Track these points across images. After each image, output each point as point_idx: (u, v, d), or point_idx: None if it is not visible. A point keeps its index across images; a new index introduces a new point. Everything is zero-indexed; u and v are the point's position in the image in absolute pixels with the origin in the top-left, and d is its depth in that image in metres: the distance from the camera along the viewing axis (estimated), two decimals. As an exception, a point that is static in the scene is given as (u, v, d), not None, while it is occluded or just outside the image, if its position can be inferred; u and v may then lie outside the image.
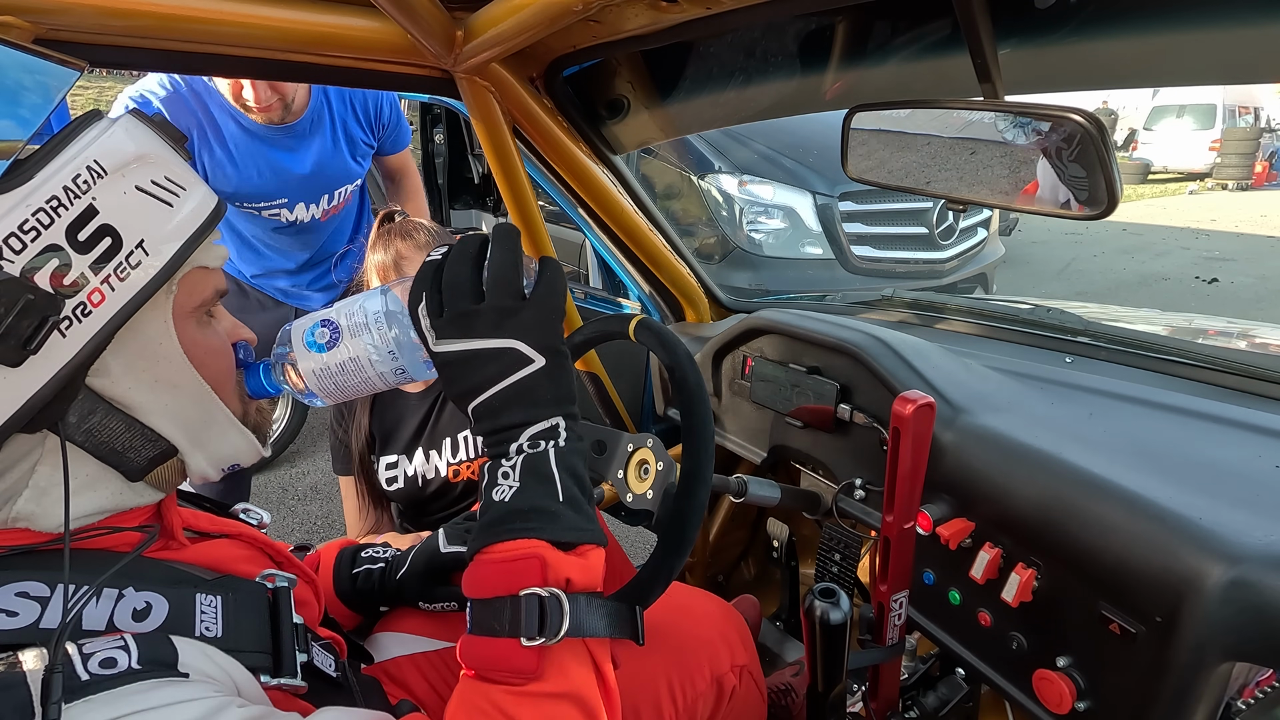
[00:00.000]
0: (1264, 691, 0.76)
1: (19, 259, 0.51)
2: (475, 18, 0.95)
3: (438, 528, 1.00)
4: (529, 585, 0.57)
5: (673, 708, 0.90)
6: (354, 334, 0.70)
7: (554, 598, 0.57)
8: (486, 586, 0.59)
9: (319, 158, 1.79)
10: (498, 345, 0.63)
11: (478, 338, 0.63)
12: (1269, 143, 14.62)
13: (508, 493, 0.61)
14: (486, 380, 0.63)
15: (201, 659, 0.54)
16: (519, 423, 0.63)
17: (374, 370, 0.70)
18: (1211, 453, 0.87)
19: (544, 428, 0.63)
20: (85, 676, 0.47)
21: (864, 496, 1.11)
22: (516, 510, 0.60)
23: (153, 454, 0.60)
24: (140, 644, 0.51)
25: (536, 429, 0.63)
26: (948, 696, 1.01)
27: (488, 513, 0.61)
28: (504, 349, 0.63)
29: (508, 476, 0.61)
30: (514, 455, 0.62)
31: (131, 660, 0.49)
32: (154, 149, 0.59)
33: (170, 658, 0.52)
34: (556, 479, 0.61)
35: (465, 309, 0.63)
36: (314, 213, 1.88)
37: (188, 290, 0.62)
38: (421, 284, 0.65)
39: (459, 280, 0.64)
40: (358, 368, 0.69)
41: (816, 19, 1.00)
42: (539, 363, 0.63)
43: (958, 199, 0.90)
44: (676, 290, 1.60)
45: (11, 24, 0.76)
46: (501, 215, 3.97)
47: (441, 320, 0.64)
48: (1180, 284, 6.90)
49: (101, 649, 0.49)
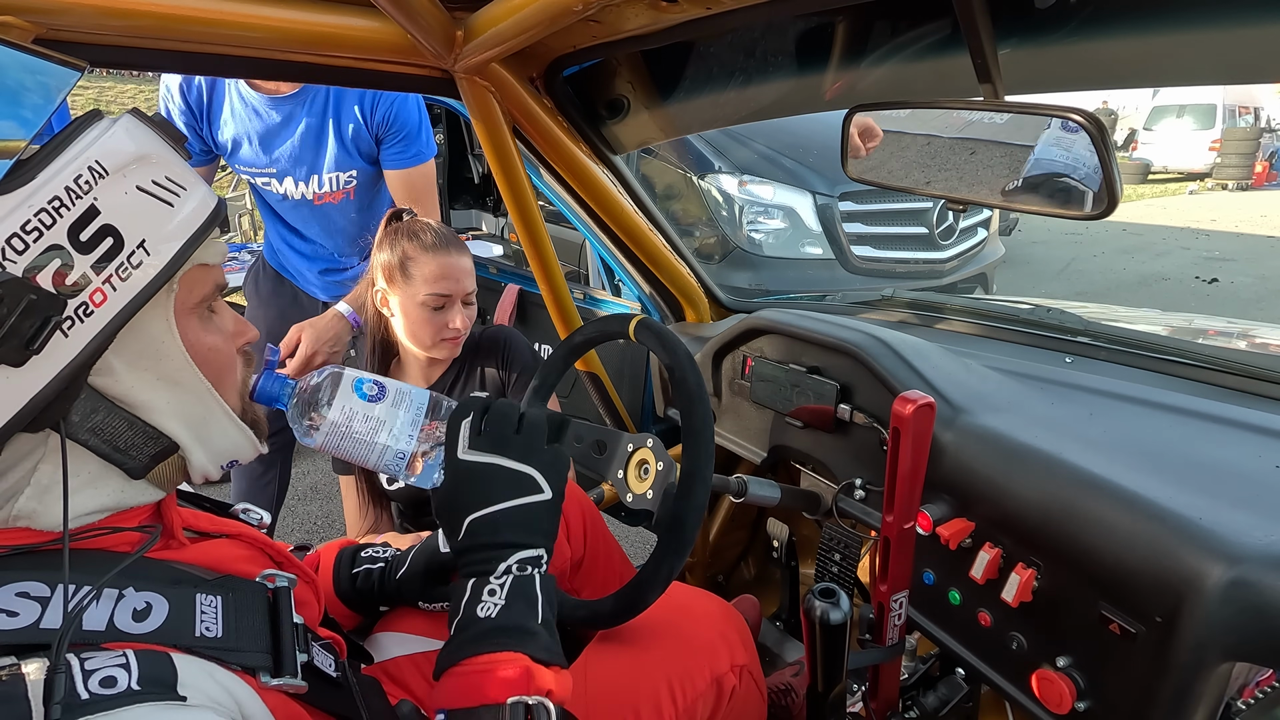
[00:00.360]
0: (1264, 691, 0.76)
1: (21, 259, 0.51)
2: (475, 18, 0.95)
3: (437, 528, 1.00)
4: (515, 693, 0.61)
5: (673, 708, 0.90)
6: (395, 404, 0.76)
7: (541, 705, 0.62)
8: (470, 696, 0.62)
9: (304, 133, 1.76)
10: (521, 469, 0.72)
11: (506, 458, 0.72)
12: (1269, 143, 14.62)
13: (493, 609, 0.66)
14: (498, 496, 0.70)
15: (203, 678, 0.54)
16: (513, 544, 0.69)
17: (384, 443, 0.75)
18: (1211, 453, 0.87)
19: (532, 555, 0.70)
20: (85, 695, 0.47)
21: (864, 496, 1.11)
22: (501, 627, 0.65)
23: (154, 451, 0.60)
24: (141, 662, 0.51)
25: (525, 555, 0.69)
26: (948, 696, 1.01)
27: (469, 628, 0.66)
28: (525, 474, 0.72)
29: (494, 594, 0.67)
30: (502, 575, 0.68)
31: (131, 680, 0.49)
32: (154, 149, 0.59)
33: (170, 678, 0.51)
34: (539, 602, 0.68)
35: (503, 433, 0.73)
36: (305, 192, 1.84)
37: (188, 287, 0.62)
38: (471, 403, 0.75)
39: (505, 412, 0.74)
40: (374, 434, 0.75)
41: (816, 19, 1.00)
42: (547, 495, 0.72)
43: (958, 199, 0.90)
44: (676, 290, 1.60)
45: (12, 24, 0.77)
46: (501, 215, 3.97)
47: (479, 436, 0.73)
48: (1180, 284, 6.90)
49: (102, 666, 0.49)
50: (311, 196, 1.85)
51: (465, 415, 0.74)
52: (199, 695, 0.52)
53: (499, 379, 1.49)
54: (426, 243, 1.36)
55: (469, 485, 0.71)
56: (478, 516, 0.70)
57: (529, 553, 0.70)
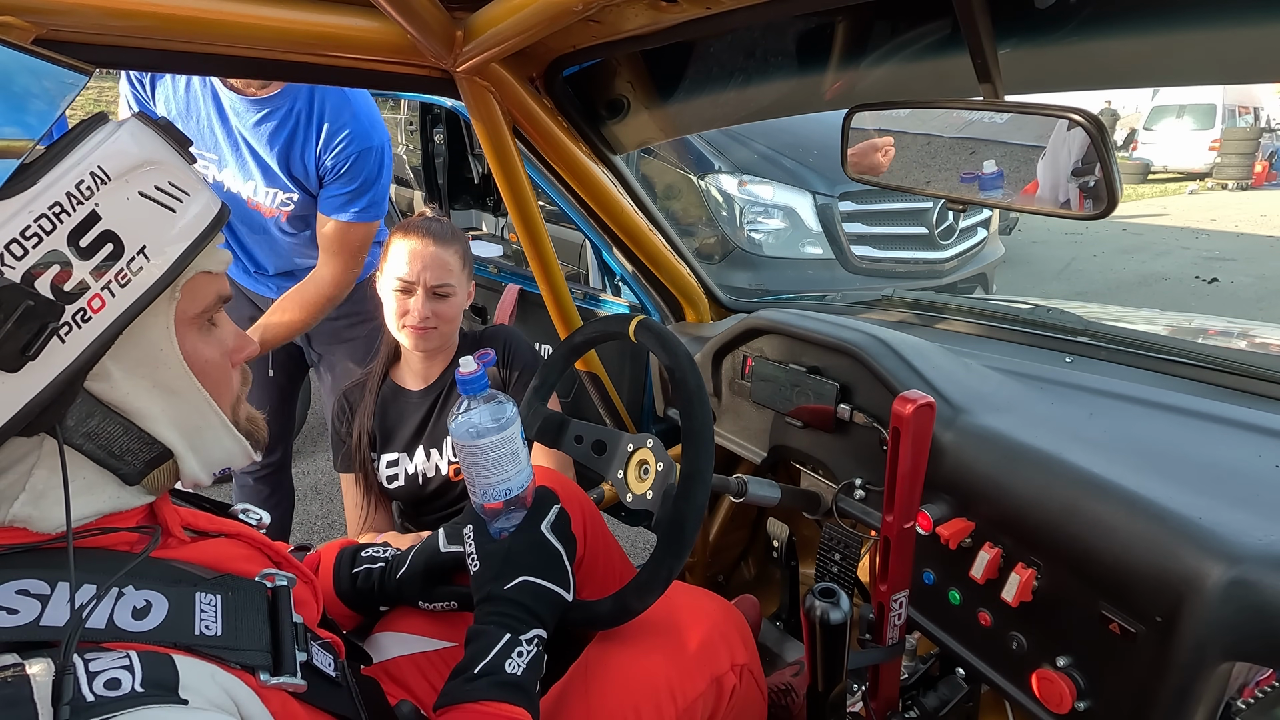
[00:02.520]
0: (1264, 691, 0.76)
1: (20, 264, 0.51)
2: (475, 18, 0.95)
3: (437, 527, 1.00)
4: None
5: (673, 707, 0.90)
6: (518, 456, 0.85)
7: None
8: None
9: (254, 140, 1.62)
10: (570, 571, 0.86)
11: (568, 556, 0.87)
12: (1269, 142, 14.61)
13: (519, 668, 0.77)
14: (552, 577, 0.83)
15: (204, 680, 0.54)
16: (540, 618, 0.81)
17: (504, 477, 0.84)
18: (1211, 453, 0.87)
19: (543, 635, 0.81)
20: (90, 698, 0.48)
21: (864, 496, 1.11)
22: (520, 685, 0.76)
23: (149, 457, 0.60)
24: (144, 664, 0.51)
25: (541, 632, 0.81)
26: (948, 696, 1.01)
27: (496, 674, 0.75)
28: (569, 574, 0.86)
29: (522, 656, 0.78)
30: (530, 642, 0.79)
31: (135, 682, 0.50)
32: (158, 154, 0.58)
33: (172, 681, 0.52)
34: (536, 677, 0.79)
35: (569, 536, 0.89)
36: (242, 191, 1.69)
37: (190, 296, 0.62)
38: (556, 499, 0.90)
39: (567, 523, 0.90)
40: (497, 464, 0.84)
41: (816, 19, 1.00)
42: (568, 598, 0.85)
43: (958, 199, 0.90)
44: (676, 290, 1.60)
45: (12, 24, 0.77)
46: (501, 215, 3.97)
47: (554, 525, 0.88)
48: (1180, 284, 6.90)
49: (107, 668, 0.50)
50: (248, 200, 1.71)
51: (556, 501, 0.89)
52: (200, 698, 0.52)
53: (499, 378, 1.49)
54: (408, 228, 1.37)
55: (539, 555, 0.84)
56: (533, 581, 0.82)
57: (542, 631, 0.81)
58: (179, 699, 0.51)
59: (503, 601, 0.80)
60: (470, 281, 1.45)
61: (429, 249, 1.35)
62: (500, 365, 1.49)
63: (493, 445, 0.83)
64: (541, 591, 0.81)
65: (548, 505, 0.87)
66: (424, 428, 1.45)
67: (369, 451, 1.46)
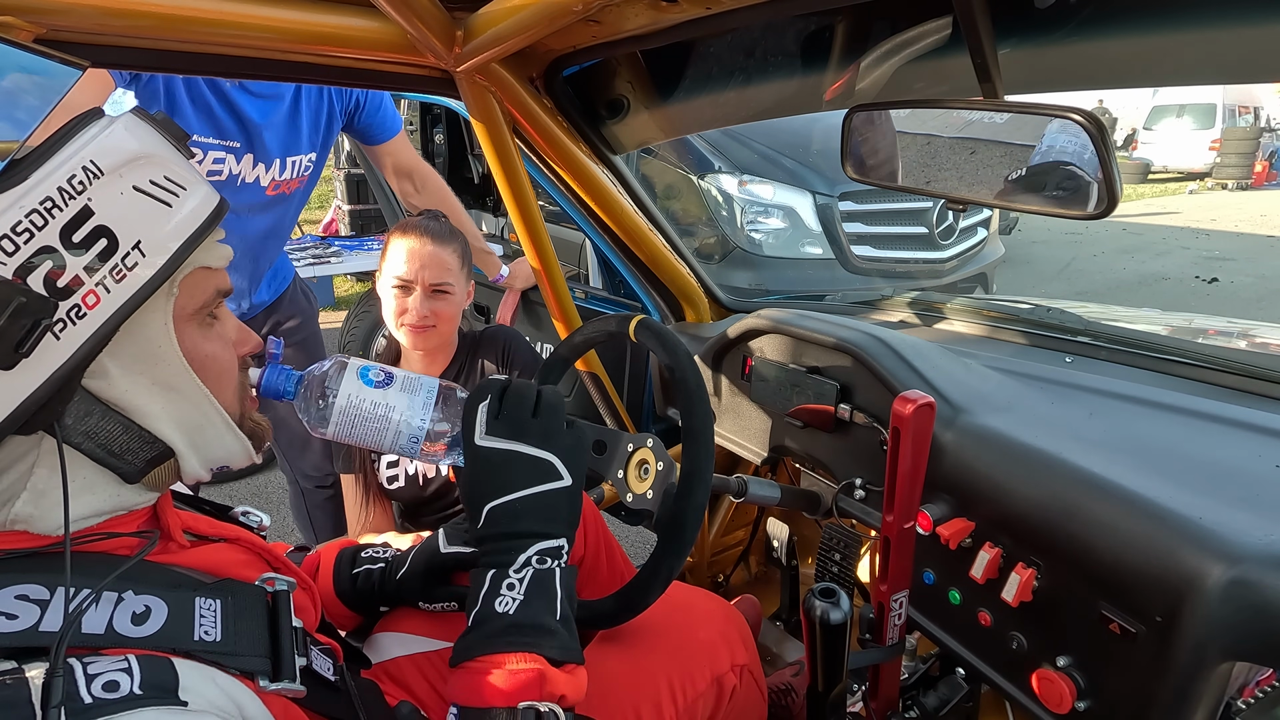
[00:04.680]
0: (1264, 691, 0.76)
1: (12, 260, 0.50)
2: (475, 17, 0.95)
3: (437, 527, 1.00)
4: (527, 698, 0.61)
5: (673, 707, 0.90)
6: (403, 389, 0.76)
7: (552, 713, 0.61)
8: (484, 696, 0.62)
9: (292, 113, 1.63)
10: (539, 455, 0.70)
11: (524, 443, 0.70)
12: (1269, 142, 14.61)
13: (511, 605, 0.65)
14: (517, 483, 0.69)
15: (204, 683, 0.54)
16: (534, 533, 0.68)
17: (395, 428, 0.75)
18: (1211, 453, 0.87)
19: (553, 546, 0.69)
20: (89, 700, 0.47)
21: (864, 496, 1.11)
22: (519, 624, 0.64)
23: (150, 456, 0.60)
24: (143, 667, 0.51)
25: (546, 545, 0.68)
26: (948, 696, 1.01)
27: (487, 623, 0.65)
28: (543, 459, 0.70)
29: (513, 588, 0.66)
30: (521, 568, 0.67)
31: (134, 685, 0.49)
32: (153, 148, 0.58)
33: (171, 683, 0.51)
34: (558, 598, 0.67)
35: (521, 417, 0.71)
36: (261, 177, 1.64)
37: (189, 291, 0.61)
38: (489, 388, 0.74)
39: (522, 394, 0.73)
40: (385, 419, 0.74)
41: (816, 19, 1.00)
42: (566, 482, 0.70)
43: (958, 199, 0.90)
44: (676, 290, 1.60)
45: (12, 24, 0.76)
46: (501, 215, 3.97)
47: (497, 421, 0.71)
48: (1180, 284, 6.90)
49: (105, 671, 0.49)
50: (268, 183, 1.66)
51: (483, 399, 0.72)
52: (200, 700, 0.52)
53: None
54: (407, 227, 1.37)
55: (488, 472, 0.70)
56: (497, 504, 0.69)
57: (549, 543, 0.68)
58: (179, 700, 0.51)
59: (482, 543, 0.70)
60: (469, 281, 1.45)
61: (428, 248, 1.35)
62: (500, 364, 1.49)
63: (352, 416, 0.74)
64: (510, 507, 0.68)
65: (473, 410, 0.72)
66: (424, 428, 1.45)
67: (369, 453, 1.46)
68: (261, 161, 1.63)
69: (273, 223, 1.74)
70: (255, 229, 1.69)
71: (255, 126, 1.59)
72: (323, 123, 1.70)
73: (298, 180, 1.72)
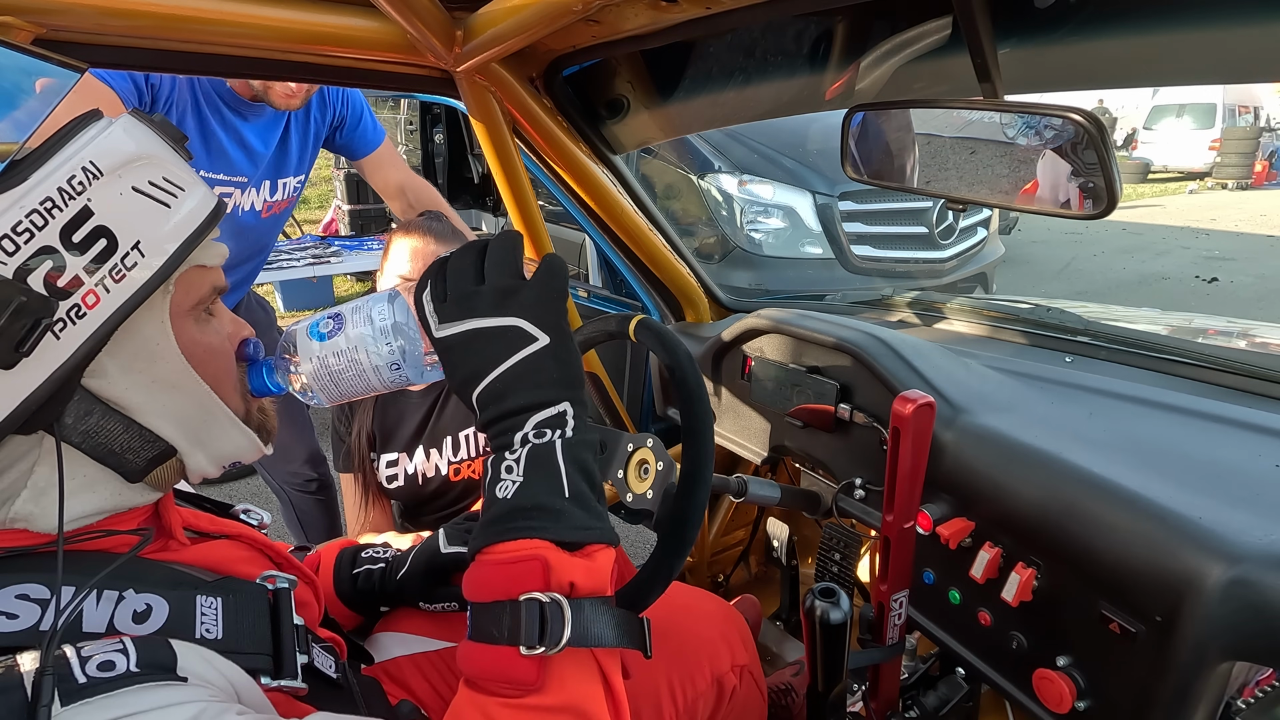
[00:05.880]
0: (1264, 691, 0.76)
1: (12, 260, 0.50)
2: (475, 17, 0.95)
3: (437, 527, 1.00)
4: (529, 589, 0.55)
5: (673, 707, 0.90)
6: (355, 324, 0.69)
7: (555, 604, 0.55)
8: (486, 589, 0.57)
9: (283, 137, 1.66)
10: (500, 323, 0.62)
11: (480, 317, 0.62)
12: (1269, 142, 14.61)
13: (511, 488, 0.58)
14: (489, 361, 0.62)
15: (201, 664, 0.54)
16: (525, 406, 0.61)
17: (370, 363, 0.69)
18: (1211, 452, 0.87)
19: (551, 415, 0.61)
20: (83, 679, 0.47)
21: (864, 496, 1.11)
22: (519, 508, 0.58)
23: (152, 454, 0.60)
24: (139, 647, 0.51)
25: (542, 416, 0.61)
26: (948, 696, 1.01)
27: (490, 509, 0.59)
28: (506, 327, 0.62)
29: (511, 470, 0.59)
30: (518, 447, 0.60)
31: (130, 663, 0.49)
32: (152, 149, 0.58)
33: (169, 661, 0.51)
34: (562, 473, 0.59)
35: (467, 290, 0.63)
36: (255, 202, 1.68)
37: (185, 289, 0.62)
38: (428, 274, 0.66)
39: (462, 266, 0.64)
40: (355, 362, 0.69)
41: (816, 19, 1.00)
42: (543, 341, 0.62)
43: (958, 199, 0.90)
44: (676, 290, 1.60)
45: (11, 24, 0.76)
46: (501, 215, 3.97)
47: (445, 304, 0.64)
48: (1180, 283, 6.90)
49: (100, 652, 0.49)
50: (261, 207, 1.69)
51: (424, 288, 0.66)
52: (198, 679, 0.52)
53: None
54: (409, 227, 1.38)
55: (460, 362, 0.63)
56: (481, 389, 0.62)
57: (545, 413, 0.61)
58: (178, 677, 0.51)
59: (486, 433, 0.64)
60: None
61: (430, 247, 1.35)
62: None
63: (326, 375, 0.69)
64: (491, 388, 0.61)
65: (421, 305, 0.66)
66: (424, 428, 1.45)
67: (368, 451, 1.46)
68: (254, 187, 1.67)
69: (258, 242, 1.78)
70: (243, 250, 1.71)
71: (259, 156, 1.63)
72: (310, 143, 1.74)
73: (287, 200, 1.77)
